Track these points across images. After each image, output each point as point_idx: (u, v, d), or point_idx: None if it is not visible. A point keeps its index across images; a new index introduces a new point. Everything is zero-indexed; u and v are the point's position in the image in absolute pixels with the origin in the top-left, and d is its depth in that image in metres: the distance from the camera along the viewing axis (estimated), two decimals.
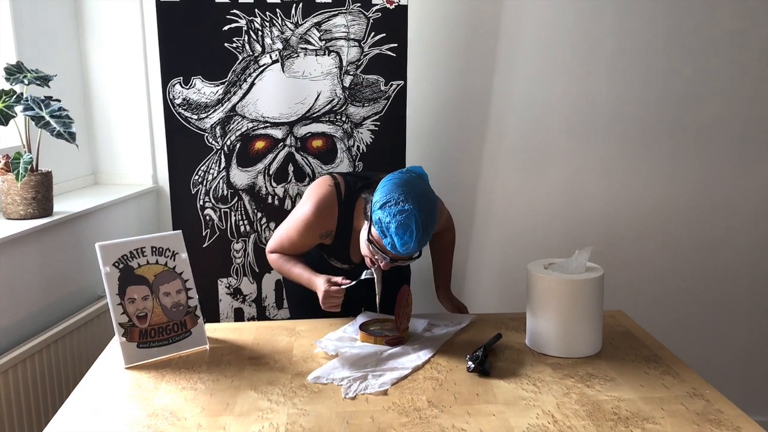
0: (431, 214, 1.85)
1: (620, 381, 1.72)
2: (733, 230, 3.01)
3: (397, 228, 1.80)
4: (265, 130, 2.63)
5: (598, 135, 2.97)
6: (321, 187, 2.08)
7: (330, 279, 2.00)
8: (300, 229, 2.08)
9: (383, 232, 1.83)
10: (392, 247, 1.83)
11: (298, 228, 2.08)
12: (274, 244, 2.17)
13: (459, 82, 2.98)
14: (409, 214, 1.79)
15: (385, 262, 1.91)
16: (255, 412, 1.58)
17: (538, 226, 3.04)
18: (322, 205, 2.04)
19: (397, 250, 1.83)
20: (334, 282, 1.99)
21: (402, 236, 1.80)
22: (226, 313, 2.72)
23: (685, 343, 2.82)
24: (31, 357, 2.21)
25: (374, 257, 1.93)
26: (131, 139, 3.04)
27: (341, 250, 2.15)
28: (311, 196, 2.07)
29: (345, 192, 2.05)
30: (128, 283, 1.83)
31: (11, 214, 2.34)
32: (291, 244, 2.12)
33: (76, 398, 1.67)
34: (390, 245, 1.84)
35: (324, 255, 2.20)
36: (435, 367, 1.81)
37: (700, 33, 2.87)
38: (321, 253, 2.20)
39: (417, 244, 1.82)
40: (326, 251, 2.18)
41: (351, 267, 2.18)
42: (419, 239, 1.81)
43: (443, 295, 2.35)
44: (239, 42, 2.56)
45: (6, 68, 2.34)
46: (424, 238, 1.83)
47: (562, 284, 1.82)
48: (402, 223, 1.79)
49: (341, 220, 2.06)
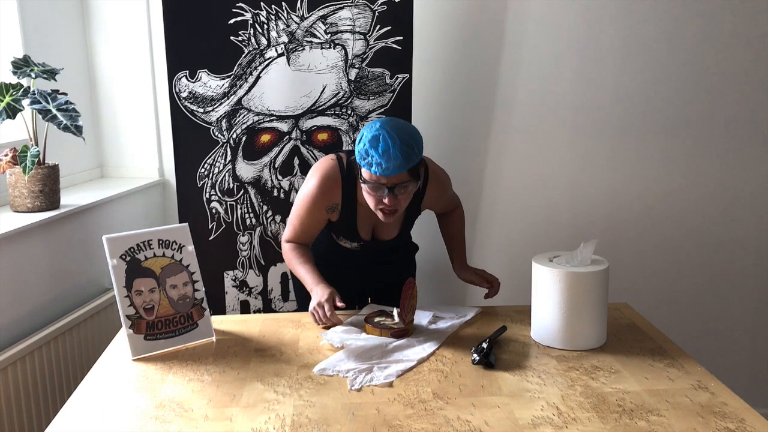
0: (405, 131, 1.92)
1: (625, 373, 1.72)
2: (739, 223, 3.01)
3: (371, 142, 1.88)
4: (270, 123, 2.64)
5: (603, 128, 2.96)
6: (324, 162, 2.13)
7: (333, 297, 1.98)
8: (307, 205, 2.10)
9: (364, 158, 1.91)
10: (378, 166, 1.89)
11: (306, 204, 2.10)
12: (287, 231, 2.19)
13: (464, 75, 2.97)
14: (378, 128, 1.90)
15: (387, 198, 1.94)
16: (261, 404, 1.59)
17: (543, 220, 3.03)
18: (326, 178, 2.08)
19: (382, 168, 1.88)
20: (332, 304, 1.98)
21: (377, 148, 1.87)
22: (232, 306, 2.73)
23: (690, 335, 2.82)
24: (39, 349, 2.23)
25: (376, 197, 1.96)
26: (137, 133, 3.05)
27: (349, 226, 2.16)
28: (315, 171, 2.11)
29: (347, 165, 2.09)
30: (135, 275, 1.84)
31: (19, 207, 2.36)
32: (301, 224, 2.14)
33: (84, 390, 1.68)
34: (375, 165, 1.89)
35: (333, 236, 2.21)
36: (440, 359, 1.82)
37: (707, 28, 2.86)
38: (330, 235, 2.22)
39: (399, 155, 1.87)
40: (334, 230, 2.20)
41: (360, 245, 2.21)
42: (400, 151, 1.87)
43: (460, 268, 2.34)
44: (245, 35, 2.56)
45: (13, 62, 2.36)
46: (405, 150, 1.88)
47: (567, 277, 1.82)
48: (374, 137, 1.88)
49: (345, 192, 2.09)
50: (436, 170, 2.21)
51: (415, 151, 1.92)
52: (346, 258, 2.26)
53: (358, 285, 2.33)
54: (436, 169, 2.21)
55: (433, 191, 2.19)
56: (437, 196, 2.23)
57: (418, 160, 1.95)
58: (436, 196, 2.22)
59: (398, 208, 1.99)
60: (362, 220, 2.15)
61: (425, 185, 2.16)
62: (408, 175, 1.94)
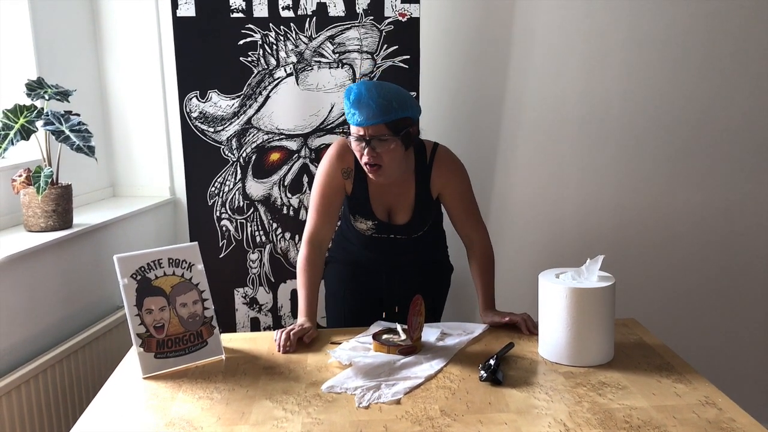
0: (386, 87, 2.03)
1: (632, 389, 1.72)
2: (750, 238, 3.00)
3: (347, 93, 2.00)
4: (280, 141, 2.67)
5: (611, 142, 2.97)
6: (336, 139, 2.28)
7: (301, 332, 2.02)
8: (325, 169, 2.19)
9: (346, 112, 2.03)
10: (352, 116, 2.00)
11: (323, 171, 2.19)
12: (307, 221, 2.22)
13: (471, 92, 3.00)
14: (359, 84, 2.02)
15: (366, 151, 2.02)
16: (270, 421, 1.60)
17: (550, 235, 3.04)
18: (339, 145, 2.20)
19: (356, 118, 1.99)
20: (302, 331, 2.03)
21: (349, 97, 1.99)
22: (242, 323, 2.75)
23: (699, 351, 2.80)
24: (52, 367, 2.25)
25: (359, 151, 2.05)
26: (149, 152, 3.08)
27: (362, 199, 2.20)
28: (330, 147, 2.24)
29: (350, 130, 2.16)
30: (146, 294, 1.86)
31: (32, 226, 2.39)
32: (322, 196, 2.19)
33: (95, 408, 1.70)
34: (350, 114, 2.01)
35: (350, 216, 2.25)
36: (448, 376, 1.83)
37: (718, 33, 2.85)
38: (347, 215, 2.27)
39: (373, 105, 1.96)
40: (350, 207, 2.24)
41: (374, 225, 2.23)
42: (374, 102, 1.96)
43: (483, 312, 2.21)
44: (254, 56, 2.60)
45: (27, 84, 2.40)
46: (380, 102, 1.97)
47: (573, 293, 1.83)
48: (349, 89, 2.01)
49: (357, 162, 2.15)
50: (446, 153, 2.22)
51: (393, 105, 1.99)
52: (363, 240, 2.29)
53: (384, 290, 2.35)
54: (447, 153, 2.22)
55: (440, 174, 2.19)
56: (446, 183, 2.20)
57: (398, 117, 2.00)
58: (444, 183, 2.20)
59: (381, 164, 2.05)
60: (374, 193, 2.19)
61: (431, 165, 2.18)
62: (386, 128, 2.00)
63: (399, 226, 2.24)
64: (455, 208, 2.25)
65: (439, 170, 2.19)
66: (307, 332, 2.03)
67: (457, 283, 2.52)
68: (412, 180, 2.19)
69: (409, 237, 2.27)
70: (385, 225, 2.23)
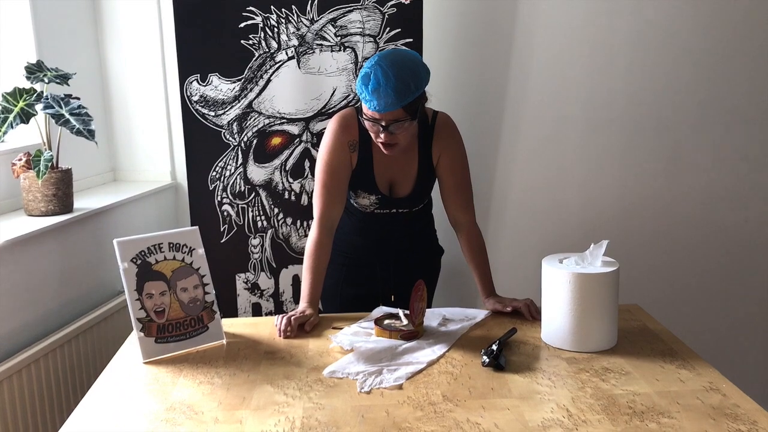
0: (403, 66, 1.95)
1: (636, 375, 1.71)
2: (754, 224, 2.98)
3: (363, 79, 1.95)
4: (281, 126, 2.65)
5: (614, 129, 2.95)
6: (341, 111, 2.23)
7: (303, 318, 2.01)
8: (331, 143, 2.15)
9: (360, 93, 1.97)
10: (369, 102, 1.95)
11: (329, 145, 2.15)
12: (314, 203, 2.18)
13: (474, 76, 2.97)
14: (373, 65, 1.95)
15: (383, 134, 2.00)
16: (271, 406, 1.59)
17: (554, 220, 3.03)
18: (343, 116, 2.17)
19: (374, 105, 1.94)
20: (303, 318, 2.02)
21: (367, 85, 1.93)
22: (244, 308, 2.74)
23: (702, 337, 2.79)
24: (52, 352, 2.25)
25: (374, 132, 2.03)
26: (149, 136, 3.07)
27: (366, 172, 2.17)
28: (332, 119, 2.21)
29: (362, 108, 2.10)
30: (146, 278, 1.85)
31: (32, 210, 2.38)
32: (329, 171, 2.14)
33: (96, 392, 1.70)
34: (367, 101, 1.96)
35: (350, 193, 2.22)
36: (450, 361, 1.82)
37: (721, 24, 2.84)
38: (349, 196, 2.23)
39: (392, 93, 1.91)
40: (354, 182, 2.19)
41: (378, 199, 2.20)
42: (393, 89, 1.91)
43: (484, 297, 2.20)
44: (255, 39, 2.58)
45: (27, 67, 2.38)
46: (399, 87, 1.92)
47: (577, 278, 1.81)
48: (365, 74, 1.94)
49: (361, 132, 2.13)
50: (447, 118, 2.22)
51: (410, 87, 1.95)
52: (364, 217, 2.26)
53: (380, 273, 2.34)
54: (449, 119, 2.22)
55: (441, 138, 2.17)
56: (445, 148, 2.18)
57: (414, 97, 1.97)
58: (443, 147, 2.18)
59: (397, 143, 2.04)
60: (379, 166, 2.16)
61: (433, 127, 2.17)
62: (403, 112, 1.97)
63: (401, 199, 2.22)
64: (448, 179, 2.21)
65: (439, 134, 2.18)
66: (309, 319, 2.02)
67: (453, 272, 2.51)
68: (416, 148, 2.18)
69: (410, 210, 2.26)
70: (387, 199, 2.21)
